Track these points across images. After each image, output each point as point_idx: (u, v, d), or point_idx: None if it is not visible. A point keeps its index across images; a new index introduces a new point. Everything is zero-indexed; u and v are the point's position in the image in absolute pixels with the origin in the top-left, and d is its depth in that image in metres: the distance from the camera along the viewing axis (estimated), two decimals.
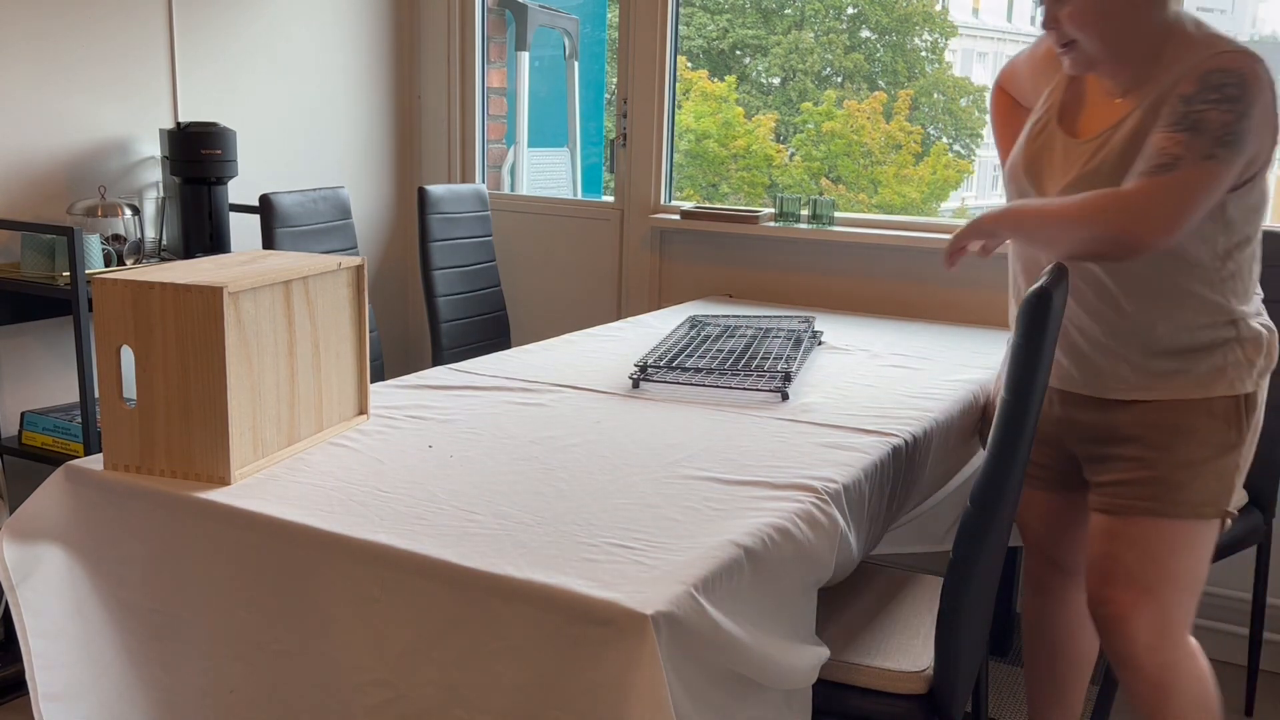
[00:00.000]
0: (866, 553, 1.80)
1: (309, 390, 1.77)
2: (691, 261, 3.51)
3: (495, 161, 4.03)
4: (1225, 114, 1.64)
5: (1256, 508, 2.44)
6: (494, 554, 1.37)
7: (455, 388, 2.15)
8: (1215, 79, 1.66)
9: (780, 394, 2.14)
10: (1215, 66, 1.68)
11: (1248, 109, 1.65)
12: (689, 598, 1.29)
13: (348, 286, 1.85)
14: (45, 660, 1.58)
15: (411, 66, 3.92)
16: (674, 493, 1.60)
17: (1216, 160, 1.64)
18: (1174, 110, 1.68)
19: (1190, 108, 1.66)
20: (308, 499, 1.54)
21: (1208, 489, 1.81)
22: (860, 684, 1.72)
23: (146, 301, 1.57)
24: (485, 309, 3.45)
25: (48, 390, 2.89)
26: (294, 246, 2.94)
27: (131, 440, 1.62)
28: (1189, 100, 1.67)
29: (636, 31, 3.49)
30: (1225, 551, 2.33)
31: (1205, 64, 1.69)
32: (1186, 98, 1.68)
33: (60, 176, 2.86)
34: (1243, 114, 1.65)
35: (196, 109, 3.17)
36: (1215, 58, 1.69)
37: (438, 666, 1.36)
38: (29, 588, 1.58)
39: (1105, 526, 1.86)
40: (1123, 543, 1.83)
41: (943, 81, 7.19)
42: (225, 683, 1.54)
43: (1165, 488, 1.81)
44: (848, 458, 1.78)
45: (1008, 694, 2.69)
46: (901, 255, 3.18)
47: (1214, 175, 1.65)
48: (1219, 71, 1.67)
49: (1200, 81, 1.67)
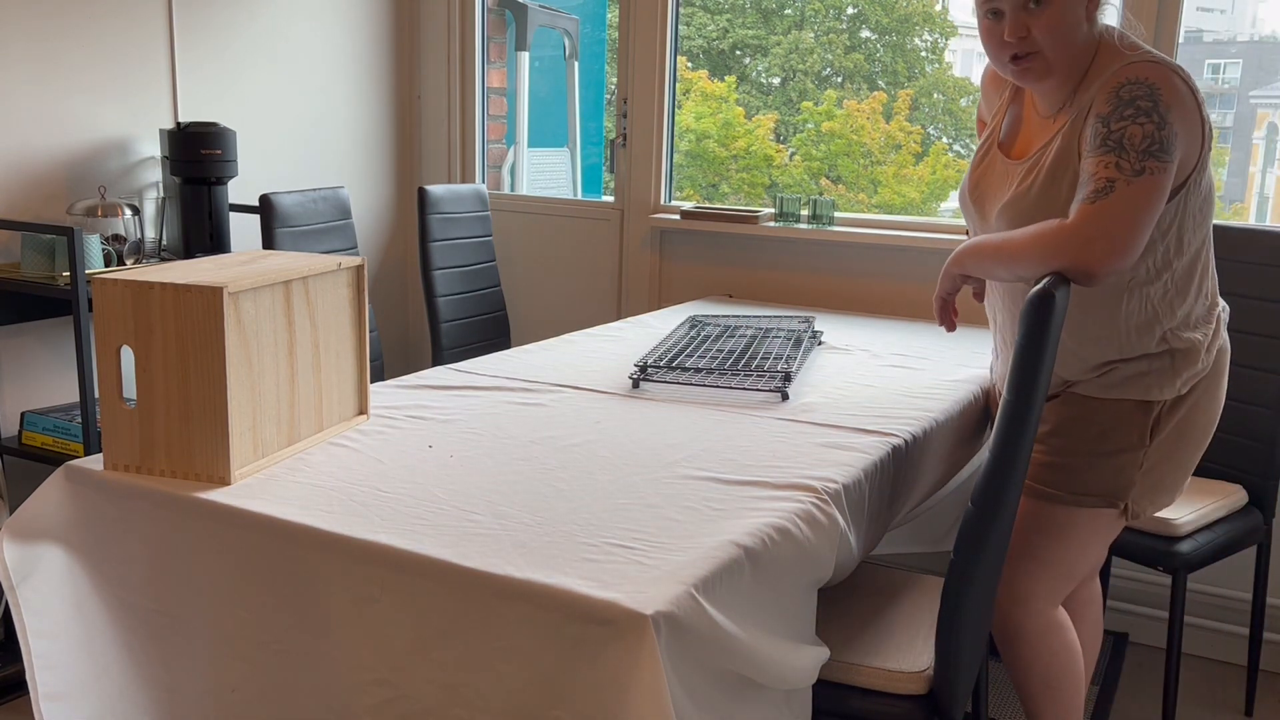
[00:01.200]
0: (866, 552, 1.80)
1: (309, 390, 1.77)
2: (691, 261, 3.51)
3: (495, 161, 4.03)
4: (1144, 125, 1.68)
5: (1256, 508, 2.44)
6: (494, 554, 1.37)
7: (455, 388, 2.15)
8: (1126, 93, 1.70)
9: (780, 394, 2.14)
10: (1124, 80, 1.72)
11: (1164, 116, 1.68)
12: (689, 598, 1.29)
13: (348, 286, 1.85)
14: (45, 660, 1.58)
15: (411, 66, 3.92)
16: (674, 493, 1.60)
17: (1149, 173, 1.67)
18: (1096, 132, 1.72)
19: (1110, 127, 1.70)
20: (308, 499, 1.54)
21: (1097, 481, 1.86)
22: (860, 684, 1.72)
23: (146, 301, 1.57)
24: (485, 309, 3.45)
25: (48, 390, 2.89)
26: (294, 246, 2.94)
27: (131, 440, 1.62)
28: (1107, 120, 1.71)
29: (636, 31, 3.49)
30: (1225, 551, 2.33)
31: (1114, 79, 1.73)
32: (1104, 117, 1.72)
33: (60, 176, 2.86)
34: (1161, 122, 1.68)
35: (196, 109, 3.17)
36: (1123, 70, 1.73)
37: (438, 666, 1.36)
38: (29, 588, 1.59)
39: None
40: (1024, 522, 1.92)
41: (943, 82, 7.19)
42: (227, 682, 1.54)
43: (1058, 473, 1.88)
44: (848, 458, 1.78)
45: (1008, 694, 2.69)
46: (901, 255, 3.18)
47: (1152, 187, 1.68)
48: (1129, 85, 1.71)
49: (1113, 98, 1.71)
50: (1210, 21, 5.16)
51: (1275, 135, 4.92)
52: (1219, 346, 1.90)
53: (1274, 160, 4.91)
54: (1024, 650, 1.93)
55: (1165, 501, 1.93)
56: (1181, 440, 1.89)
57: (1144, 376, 1.84)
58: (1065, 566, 1.92)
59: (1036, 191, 1.81)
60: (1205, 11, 5.04)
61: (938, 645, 1.69)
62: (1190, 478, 1.97)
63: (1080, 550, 1.92)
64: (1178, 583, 2.25)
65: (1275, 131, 4.93)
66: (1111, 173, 1.68)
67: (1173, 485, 1.92)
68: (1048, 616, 1.94)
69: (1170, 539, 2.26)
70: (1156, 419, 1.85)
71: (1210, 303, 1.89)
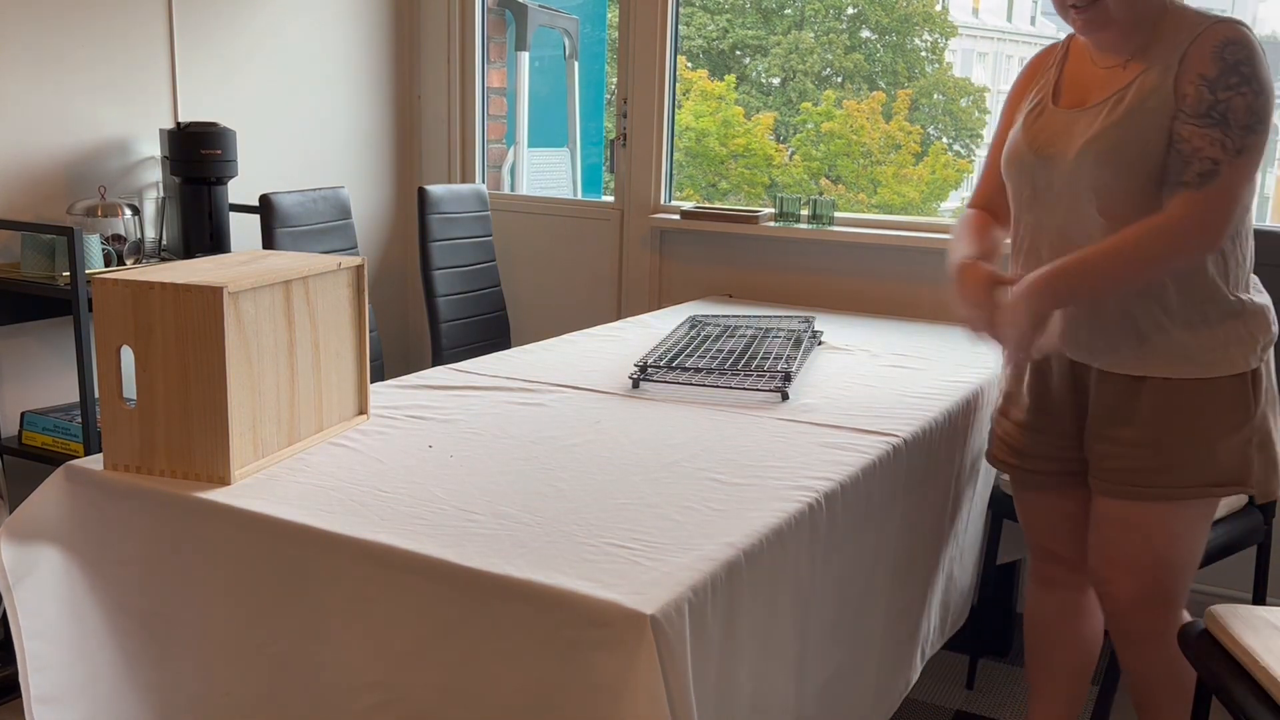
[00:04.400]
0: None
1: (309, 390, 1.77)
2: (691, 261, 3.51)
3: (495, 161, 4.03)
4: (1246, 95, 1.70)
5: (1256, 508, 2.44)
6: (494, 554, 1.37)
7: (455, 388, 2.15)
8: (1230, 55, 1.71)
9: (780, 394, 2.14)
10: (1225, 38, 1.73)
11: (1262, 82, 1.72)
12: (688, 599, 1.28)
13: (348, 286, 1.85)
14: (39, 662, 1.57)
15: (411, 66, 3.92)
16: (674, 493, 1.60)
17: (1249, 151, 1.72)
18: (1200, 97, 1.72)
19: (1216, 96, 1.71)
20: (308, 499, 1.54)
21: (1213, 468, 1.83)
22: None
23: (146, 301, 1.57)
24: (485, 309, 3.45)
25: (48, 390, 2.89)
26: (294, 246, 2.94)
27: (131, 440, 1.62)
28: (1214, 86, 1.72)
29: (636, 31, 3.49)
30: (1225, 551, 2.33)
31: (1214, 35, 1.74)
32: (1210, 81, 1.72)
33: (60, 176, 2.86)
34: (1259, 89, 1.71)
35: (196, 109, 3.17)
36: (1219, 27, 1.74)
37: (436, 667, 1.36)
38: (26, 588, 1.58)
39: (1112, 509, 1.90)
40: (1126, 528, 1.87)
41: (943, 82, 7.19)
42: (220, 686, 1.54)
43: (1166, 471, 1.83)
44: (848, 458, 1.78)
45: (1008, 694, 2.69)
46: (901, 255, 3.18)
47: (1251, 165, 1.73)
48: (1231, 45, 1.72)
49: (1217, 59, 1.72)
50: None
51: (1275, 135, 4.91)
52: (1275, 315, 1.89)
53: (1274, 160, 4.91)
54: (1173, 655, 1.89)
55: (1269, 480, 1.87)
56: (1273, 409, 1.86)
57: (1229, 345, 1.81)
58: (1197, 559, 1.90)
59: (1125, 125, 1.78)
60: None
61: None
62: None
63: (1204, 538, 1.89)
64: None
65: (1275, 131, 4.92)
66: (1216, 152, 1.70)
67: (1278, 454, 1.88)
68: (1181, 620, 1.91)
69: None
70: (1255, 391, 1.82)
71: (1252, 266, 1.89)
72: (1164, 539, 1.86)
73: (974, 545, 2.51)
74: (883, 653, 1.99)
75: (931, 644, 2.30)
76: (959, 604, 2.46)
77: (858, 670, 1.90)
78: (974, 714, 2.60)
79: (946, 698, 2.66)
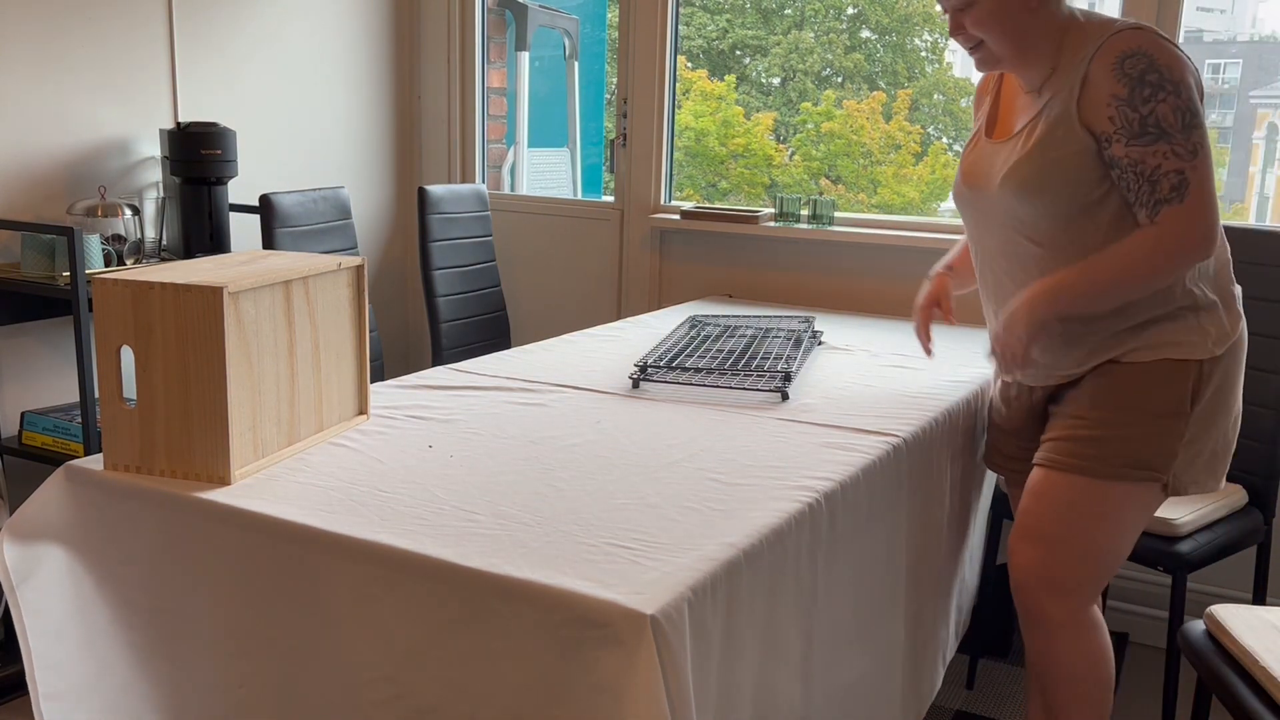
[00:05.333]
0: None
1: (309, 390, 1.77)
2: (691, 261, 3.51)
3: (495, 161, 4.03)
4: (1168, 100, 1.72)
5: (1256, 508, 2.44)
6: (494, 554, 1.37)
7: (455, 388, 2.15)
8: (1130, 67, 1.74)
9: (780, 394, 2.14)
10: (1120, 52, 1.75)
11: (1176, 80, 1.73)
12: (688, 599, 1.29)
13: (348, 286, 1.85)
14: (46, 660, 1.58)
15: (411, 66, 3.92)
16: (674, 493, 1.60)
17: (1200, 147, 1.74)
18: (1126, 119, 1.75)
19: (1139, 112, 1.74)
20: (308, 499, 1.54)
21: (1134, 449, 1.83)
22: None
23: (146, 301, 1.57)
24: (485, 309, 3.45)
25: (48, 390, 2.89)
26: (294, 246, 2.94)
27: (131, 440, 1.62)
28: (1131, 104, 1.74)
29: (636, 31, 3.49)
30: (1225, 551, 2.33)
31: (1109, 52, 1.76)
32: (1126, 101, 1.74)
33: (60, 176, 2.86)
34: (1176, 89, 1.73)
35: (196, 109, 3.17)
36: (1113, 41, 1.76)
37: (440, 665, 1.36)
38: (30, 588, 1.59)
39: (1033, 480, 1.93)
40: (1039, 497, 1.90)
41: (943, 82, 7.19)
42: (233, 678, 1.54)
43: (1091, 444, 1.85)
44: (848, 458, 1.78)
45: (1008, 694, 2.70)
46: (901, 255, 3.18)
47: (1208, 157, 1.75)
48: (1128, 57, 1.74)
49: (1119, 74, 1.74)
50: (1210, 21, 5.16)
51: (1275, 135, 4.92)
52: (1241, 315, 1.90)
53: (1274, 160, 4.91)
54: (1060, 647, 1.90)
55: (1209, 482, 1.88)
56: (1219, 412, 1.86)
57: (1174, 333, 1.83)
58: (1108, 554, 1.89)
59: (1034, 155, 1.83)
60: (1205, 11, 5.04)
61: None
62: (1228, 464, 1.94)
63: (1121, 533, 1.88)
64: (1178, 583, 2.24)
65: (1275, 131, 4.93)
66: (1174, 163, 1.73)
67: (1213, 463, 1.88)
68: (1089, 613, 1.91)
69: (1170, 539, 2.26)
70: (1196, 385, 1.83)
71: (1228, 260, 1.90)
72: (1072, 514, 1.87)
73: (980, 546, 2.51)
74: (906, 659, 1.99)
75: (950, 648, 2.30)
76: (969, 606, 2.47)
77: (885, 677, 1.90)
78: (974, 714, 2.60)
79: (946, 698, 2.66)
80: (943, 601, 2.21)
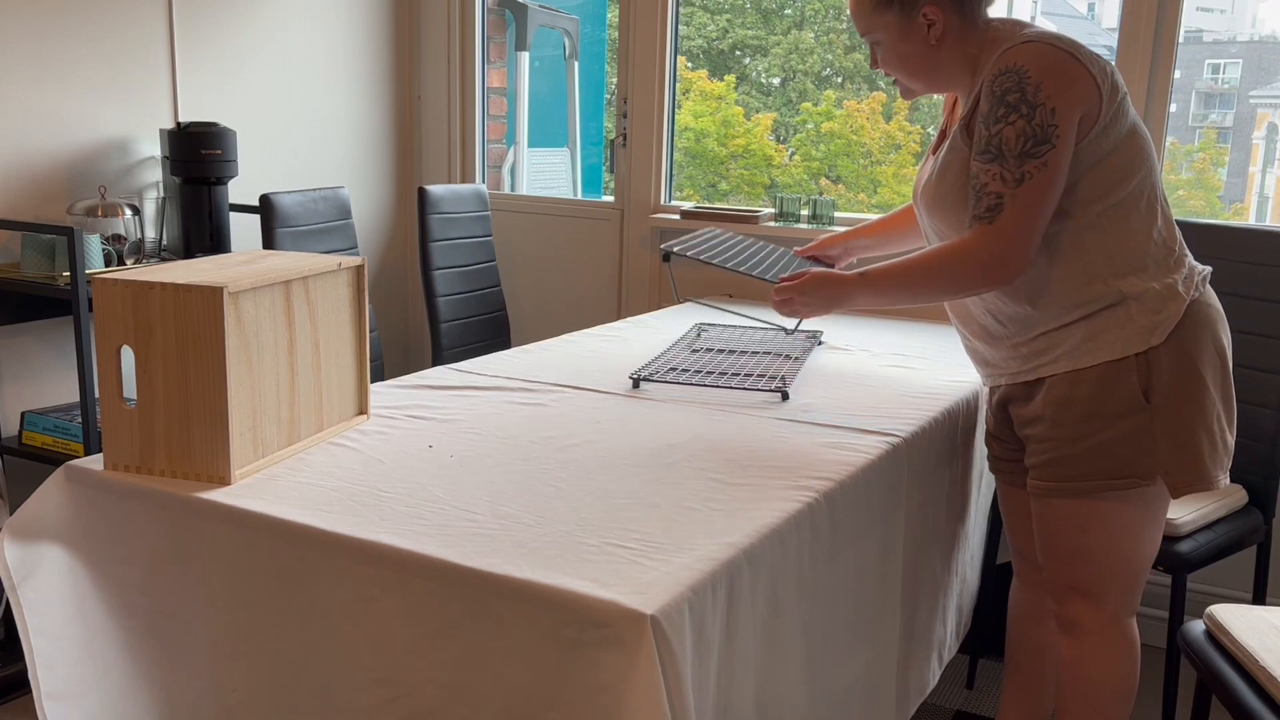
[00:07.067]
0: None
1: (309, 390, 1.77)
2: (692, 261, 3.51)
3: (495, 161, 4.03)
4: (1015, 123, 1.72)
5: (1256, 508, 2.44)
6: (494, 554, 1.37)
7: (455, 388, 2.15)
8: (998, 87, 1.74)
9: (780, 394, 2.14)
10: (995, 72, 1.75)
11: (1033, 101, 1.71)
12: (688, 599, 1.29)
13: (348, 286, 1.85)
14: (47, 659, 1.58)
15: (411, 66, 3.92)
16: (674, 493, 1.60)
17: (1029, 177, 1.72)
18: (979, 134, 1.77)
19: (990, 130, 1.75)
20: (308, 499, 1.54)
21: (1105, 459, 1.81)
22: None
23: (146, 301, 1.57)
24: (485, 309, 3.45)
25: (48, 390, 2.89)
26: (294, 246, 2.94)
27: (131, 440, 1.62)
28: (987, 121, 1.75)
29: (636, 31, 3.49)
30: (1225, 551, 2.33)
31: (994, 69, 1.76)
32: (985, 117, 1.76)
33: (60, 176, 2.86)
34: (1030, 112, 1.71)
35: (196, 109, 3.17)
36: (996, 61, 1.76)
37: (438, 666, 1.36)
38: (30, 587, 1.59)
39: (1033, 507, 1.94)
40: (1045, 523, 1.91)
41: None
42: (228, 682, 1.54)
43: (1060, 465, 1.85)
44: (848, 457, 1.78)
45: None
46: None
47: (1036, 190, 1.73)
48: (1000, 76, 1.74)
49: (990, 95, 1.75)
50: (1210, 21, 5.16)
51: (1275, 135, 4.92)
52: (1195, 298, 1.82)
53: (1274, 160, 4.91)
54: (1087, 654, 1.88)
55: (1212, 468, 1.81)
56: (1190, 397, 1.79)
57: (1102, 332, 1.79)
58: (1129, 562, 1.85)
59: (936, 178, 1.88)
60: (1205, 11, 5.04)
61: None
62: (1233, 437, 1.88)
63: (1134, 539, 1.84)
64: (1178, 583, 2.24)
65: (1275, 131, 4.92)
66: (997, 185, 1.74)
67: (1206, 445, 1.81)
68: (1123, 624, 1.88)
69: (1170, 539, 2.26)
70: (1145, 378, 1.78)
71: (1167, 251, 1.83)
72: (1077, 533, 1.86)
73: (980, 546, 2.52)
74: (901, 656, 1.99)
75: (949, 648, 2.30)
76: (970, 606, 2.47)
77: (880, 673, 1.90)
78: (974, 714, 2.60)
79: (946, 698, 2.66)
80: (941, 600, 2.21)
